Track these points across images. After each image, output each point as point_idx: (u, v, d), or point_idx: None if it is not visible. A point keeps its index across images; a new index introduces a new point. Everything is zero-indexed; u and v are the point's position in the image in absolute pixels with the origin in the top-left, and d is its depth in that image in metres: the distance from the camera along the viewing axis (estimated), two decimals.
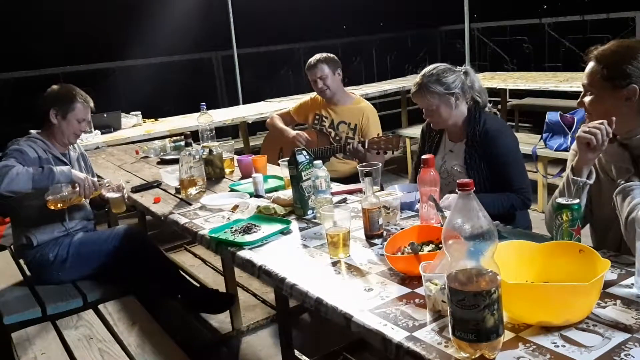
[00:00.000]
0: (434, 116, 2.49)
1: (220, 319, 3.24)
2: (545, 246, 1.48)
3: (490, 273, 1.13)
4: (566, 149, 4.33)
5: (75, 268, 2.79)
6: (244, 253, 1.91)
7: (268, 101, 5.73)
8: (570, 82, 5.21)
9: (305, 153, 2.20)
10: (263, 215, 2.22)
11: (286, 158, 2.38)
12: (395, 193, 2.17)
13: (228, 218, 2.27)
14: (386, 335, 1.31)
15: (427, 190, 1.90)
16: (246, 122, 5.19)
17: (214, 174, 2.92)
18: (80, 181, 2.63)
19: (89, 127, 3.76)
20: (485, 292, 1.11)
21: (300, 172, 2.16)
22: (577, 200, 1.57)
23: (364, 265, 1.72)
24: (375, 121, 3.56)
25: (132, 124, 4.66)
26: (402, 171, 6.03)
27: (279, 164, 2.71)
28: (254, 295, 3.53)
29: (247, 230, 2.08)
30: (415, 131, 5.58)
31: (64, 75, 6.27)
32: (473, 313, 1.12)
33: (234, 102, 6.71)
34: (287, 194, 2.32)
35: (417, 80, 2.46)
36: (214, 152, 2.93)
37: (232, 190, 2.67)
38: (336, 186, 2.52)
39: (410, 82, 2.78)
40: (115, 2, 8.65)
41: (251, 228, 2.09)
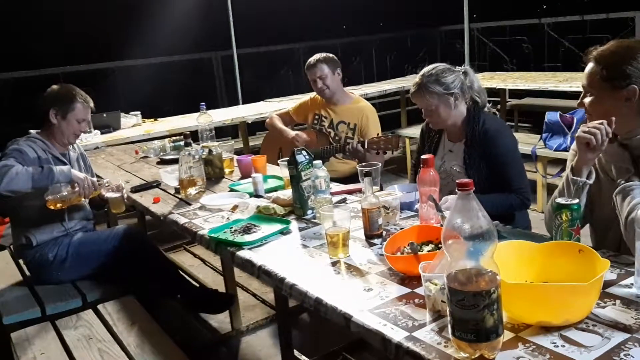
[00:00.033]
0: (433, 116, 2.49)
1: (219, 319, 3.23)
2: (544, 246, 1.48)
3: (489, 273, 1.13)
4: (566, 149, 4.33)
5: (74, 268, 2.79)
6: (244, 253, 1.91)
7: (268, 101, 5.73)
8: (569, 82, 5.20)
9: (304, 153, 2.19)
10: (263, 215, 2.22)
11: (286, 158, 2.38)
12: (394, 193, 2.17)
13: (227, 218, 2.27)
14: (386, 335, 1.30)
15: (427, 190, 1.90)
16: (246, 122, 5.19)
17: (214, 174, 2.92)
18: (79, 181, 2.63)
19: (89, 127, 3.76)
20: (484, 292, 1.11)
21: (299, 172, 2.16)
22: (577, 200, 1.57)
23: (364, 265, 1.72)
24: (374, 121, 3.56)
25: (132, 124, 4.65)
26: (402, 171, 6.03)
27: (279, 164, 2.71)
28: (254, 295, 3.53)
29: (247, 230, 2.08)
30: (414, 131, 5.57)
31: (64, 75, 6.27)
32: (472, 313, 1.12)
33: (234, 102, 6.71)
34: (287, 194, 2.32)
35: (417, 80, 2.46)
36: (214, 152, 2.93)
37: (232, 190, 2.67)
38: (336, 186, 2.52)
39: (409, 82, 2.77)
40: (115, 2, 8.65)
41: (251, 228, 2.09)
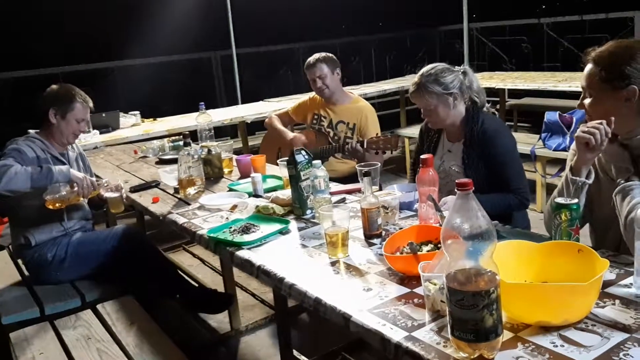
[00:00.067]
0: (432, 116, 2.49)
1: (218, 319, 3.23)
2: (544, 246, 1.48)
3: (489, 273, 1.13)
4: (565, 149, 4.33)
5: (73, 268, 2.79)
6: (243, 253, 1.91)
7: (267, 101, 5.72)
8: (569, 82, 5.21)
9: (304, 153, 2.19)
10: (262, 215, 2.22)
11: (285, 158, 2.38)
12: (394, 193, 2.17)
13: (227, 218, 2.27)
14: (385, 335, 1.30)
15: (426, 190, 1.90)
16: (245, 122, 5.19)
17: (213, 174, 2.91)
18: (78, 181, 2.63)
19: (88, 127, 3.75)
20: (484, 292, 1.11)
21: (299, 172, 2.16)
22: (576, 200, 1.57)
23: (363, 265, 1.72)
24: (374, 121, 3.56)
25: (131, 124, 4.65)
26: (401, 171, 6.03)
27: (278, 164, 2.71)
28: (253, 295, 3.53)
29: (246, 230, 2.07)
30: (414, 131, 5.57)
31: (64, 75, 6.27)
32: (472, 313, 1.11)
33: (233, 102, 6.72)
34: (286, 194, 2.32)
35: (416, 80, 2.46)
36: (213, 152, 2.93)
37: (231, 190, 2.67)
38: (335, 186, 2.52)
39: (409, 82, 2.77)
40: (115, 2, 8.65)
41: (250, 228, 2.09)
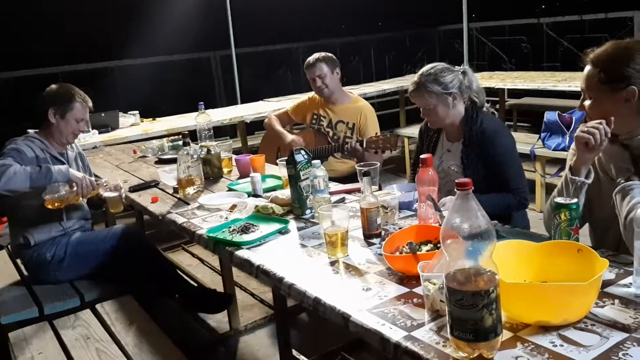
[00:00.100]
0: (431, 115, 2.49)
1: (218, 319, 3.23)
2: (543, 246, 1.47)
3: (488, 272, 1.13)
4: (564, 149, 4.33)
5: (72, 268, 2.79)
6: (242, 252, 1.91)
7: (266, 101, 5.72)
8: (568, 82, 5.21)
9: (303, 152, 2.19)
10: (261, 214, 2.22)
11: (284, 157, 2.38)
12: (393, 192, 2.17)
13: (226, 217, 2.27)
14: (384, 334, 1.30)
15: (426, 189, 1.90)
16: (244, 122, 5.19)
17: (212, 174, 2.91)
18: (77, 180, 2.63)
19: (87, 127, 3.75)
20: (483, 292, 1.11)
21: (298, 172, 2.16)
22: (576, 199, 1.57)
23: (362, 264, 1.72)
24: (373, 120, 3.56)
25: (130, 124, 4.65)
26: (401, 171, 6.03)
27: (277, 164, 2.71)
28: (252, 294, 3.53)
29: (245, 229, 2.07)
30: (413, 131, 5.57)
31: (63, 74, 6.27)
32: (471, 313, 1.11)
33: (232, 102, 6.72)
34: (285, 194, 2.32)
35: (415, 79, 2.46)
36: (212, 152, 2.92)
37: (230, 189, 2.66)
38: (334, 186, 2.52)
39: (408, 82, 2.77)
40: (115, 2, 8.64)
41: (249, 227, 2.08)
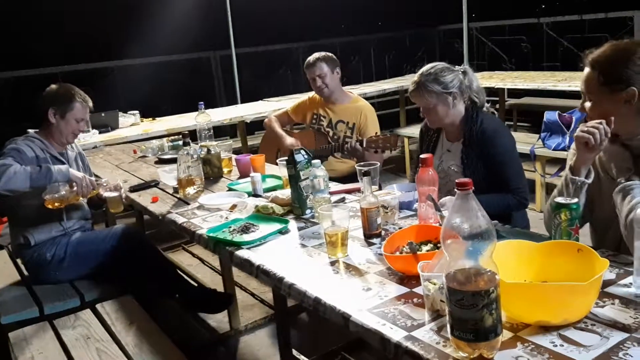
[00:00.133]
0: (431, 115, 2.49)
1: (218, 319, 3.23)
2: (543, 245, 1.47)
3: (488, 272, 1.13)
4: (564, 149, 4.33)
5: (72, 268, 2.79)
6: (242, 252, 1.91)
7: (266, 100, 5.72)
8: (568, 82, 5.21)
9: (303, 152, 2.19)
10: (261, 214, 2.22)
11: (284, 157, 2.38)
12: (393, 192, 2.16)
13: (226, 217, 2.27)
14: (385, 334, 1.30)
15: (426, 189, 1.89)
16: (244, 122, 5.18)
17: (212, 174, 2.91)
18: (78, 180, 2.63)
19: (87, 127, 3.75)
20: (483, 292, 1.11)
21: (298, 172, 2.15)
22: (576, 199, 1.56)
23: (363, 264, 1.72)
24: (373, 120, 3.56)
25: (130, 123, 4.65)
26: (401, 170, 6.03)
27: (277, 164, 2.71)
28: (252, 294, 3.53)
29: (245, 229, 2.07)
30: (413, 130, 5.57)
31: (63, 74, 6.27)
32: (471, 313, 1.11)
33: (232, 102, 6.71)
34: (286, 194, 2.32)
35: (415, 78, 2.46)
36: (212, 152, 2.92)
37: (230, 189, 2.66)
38: (334, 185, 2.52)
39: (408, 82, 2.77)
40: (115, 2, 8.64)
41: (249, 227, 2.08)
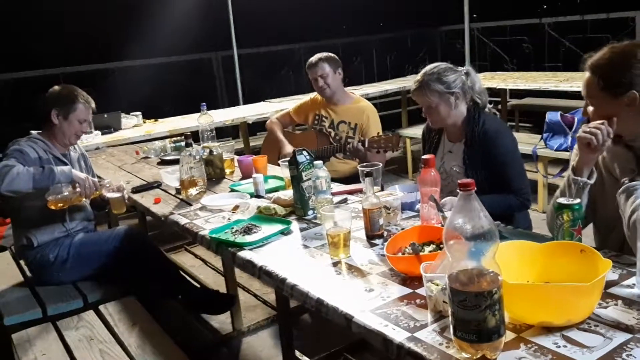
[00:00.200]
0: (433, 115, 2.48)
1: (220, 320, 3.23)
2: (546, 246, 1.47)
3: (491, 273, 1.13)
4: (566, 149, 4.33)
5: (75, 269, 2.79)
6: (245, 253, 1.91)
7: (268, 101, 5.73)
8: (570, 82, 5.20)
9: (305, 153, 2.19)
10: (263, 215, 2.22)
11: (286, 158, 2.38)
12: (395, 193, 2.17)
13: (228, 218, 2.27)
14: (387, 335, 1.30)
15: (428, 190, 1.90)
16: (246, 123, 5.19)
17: (215, 175, 2.92)
18: (80, 181, 2.63)
19: (90, 128, 3.75)
20: (486, 293, 1.11)
21: (300, 173, 2.16)
22: (578, 200, 1.56)
23: (365, 265, 1.72)
24: (375, 120, 3.56)
25: (132, 125, 4.65)
26: (403, 171, 6.03)
27: (279, 164, 2.71)
28: (255, 295, 3.53)
29: (248, 230, 2.07)
30: (415, 131, 5.57)
31: (64, 75, 6.27)
32: (474, 313, 1.11)
33: (234, 103, 6.71)
34: (288, 195, 2.32)
35: (418, 78, 2.45)
36: (215, 153, 2.93)
37: (233, 190, 2.67)
38: (336, 186, 2.52)
39: (410, 82, 2.77)
40: (115, 2, 8.64)
41: (252, 228, 2.09)
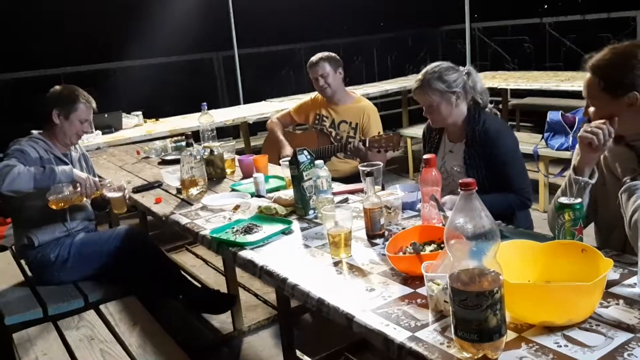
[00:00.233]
0: (434, 114, 2.48)
1: (221, 320, 3.23)
2: (547, 246, 1.47)
3: (492, 273, 1.13)
4: (567, 149, 4.33)
5: (76, 268, 2.79)
6: (245, 253, 1.91)
7: (269, 101, 5.73)
8: (571, 82, 5.19)
9: (306, 153, 2.19)
10: (264, 215, 2.22)
11: (287, 158, 2.38)
12: (396, 193, 2.17)
13: (229, 218, 2.27)
14: (388, 335, 1.30)
15: (429, 190, 1.90)
16: (247, 122, 5.19)
17: (215, 174, 2.92)
18: (81, 181, 2.63)
19: (91, 128, 3.75)
20: (487, 292, 1.11)
21: (301, 172, 2.16)
22: (579, 199, 1.56)
23: (366, 265, 1.72)
24: (376, 120, 3.56)
25: (133, 124, 4.65)
26: (404, 171, 6.03)
27: (280, 164, 2.71)
28: (256, 295, 3.53)
29: (249, 230, 2.07)
30: (416, 131, 5.57)
31: (65, 75, 6.27)
32: (475, 313, 1.11)
33: (235, 102, 6.71)
34: (289, 194, 2.32)
35: (420, 76, 2.45)
36: (215, 152, 2.93)
37: (233, 190, 2.67)
38: (337, 186, 2.52)
39: (411, 82, 2.77)
40: (115, 2, 8.64)
41: (252, 228, 2.09)
